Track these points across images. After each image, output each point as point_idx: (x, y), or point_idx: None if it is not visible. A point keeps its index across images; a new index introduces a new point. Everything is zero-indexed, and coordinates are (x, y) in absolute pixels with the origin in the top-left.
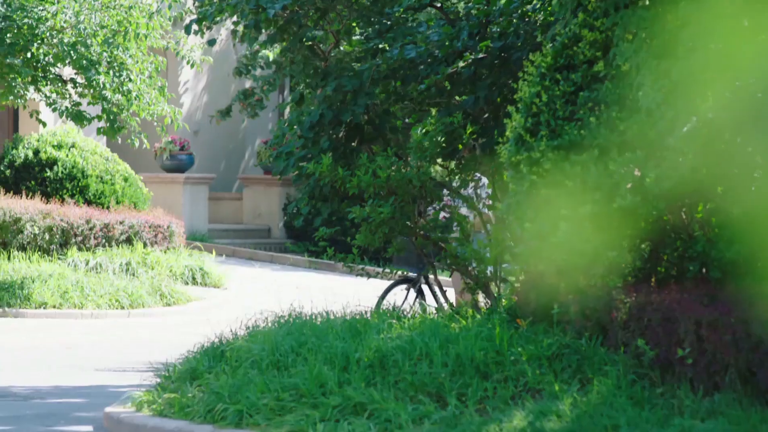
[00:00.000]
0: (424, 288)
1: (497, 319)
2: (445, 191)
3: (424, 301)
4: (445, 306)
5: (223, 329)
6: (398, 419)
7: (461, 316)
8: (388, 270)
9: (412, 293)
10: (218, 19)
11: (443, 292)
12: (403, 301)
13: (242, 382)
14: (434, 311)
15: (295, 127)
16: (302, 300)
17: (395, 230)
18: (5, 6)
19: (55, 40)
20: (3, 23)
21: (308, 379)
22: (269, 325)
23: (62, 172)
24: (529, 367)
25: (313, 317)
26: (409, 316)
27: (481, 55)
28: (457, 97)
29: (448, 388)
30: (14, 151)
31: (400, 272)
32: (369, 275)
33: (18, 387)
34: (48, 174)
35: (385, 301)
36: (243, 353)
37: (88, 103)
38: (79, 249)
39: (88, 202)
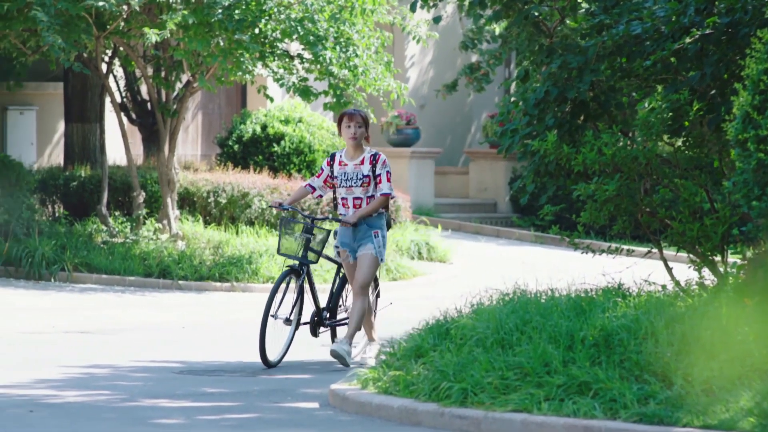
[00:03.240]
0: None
1: (723, 297)
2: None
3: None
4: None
5: (447, 305)
6: (623, 399)
7: (687, 294)
8: (614, 246)
9: (294, 288)
10: None
11: (671, 268)
12: (283, 297)
13: (467, 360)
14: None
15: (520, 103)
16: (527, 276)
17: (620, 207)
18: None
19: (282, 16)
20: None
21: (533, 358)
22: (494, 302)
23: (289, 147)
24: (756, 346)
25: (538, 295)
26: (290, 317)
27: (707, 31)
28: (683, 74)
29: (674, 367)
30: (242, 126)
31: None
32: (594, 252)
33: (246, 362)
34: (275, 149)
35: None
36: (467, 331)
37: (315, 79)
38: None
39: None
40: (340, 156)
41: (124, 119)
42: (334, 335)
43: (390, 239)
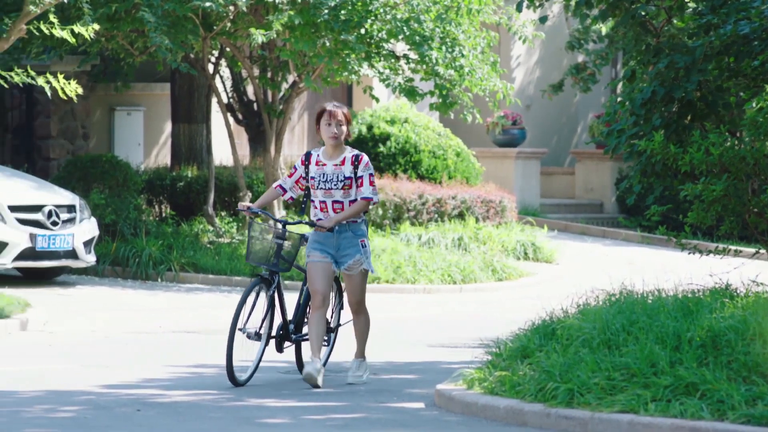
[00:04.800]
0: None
1: None
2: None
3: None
4: (282, 319)
5: (553, 306)
6: (731, 400)
7: None
8: (722, 247)
9: (264, 297)
10: None
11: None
12: (252, 308)
13: (573, 361)
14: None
15: (626, 103)
16: (633, 276)
17: (728, 208)
18: None
19: (388, 17)
20: (338, 0)
21: (639, 359)
22: (600, 302)
23: (395, 147)
24: None
25: (645, 295)
26: (260, 331)
27: None
28: None
29: None
30: None
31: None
32: (701, 252)
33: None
34: (381, 149)
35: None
36: (574, 331)
37: (421, 79)
38: (412, 224)
39: (421, 177)
40: (317, 155)
41: (231, 120)
42: (298, 351)
43: (495, 240)
